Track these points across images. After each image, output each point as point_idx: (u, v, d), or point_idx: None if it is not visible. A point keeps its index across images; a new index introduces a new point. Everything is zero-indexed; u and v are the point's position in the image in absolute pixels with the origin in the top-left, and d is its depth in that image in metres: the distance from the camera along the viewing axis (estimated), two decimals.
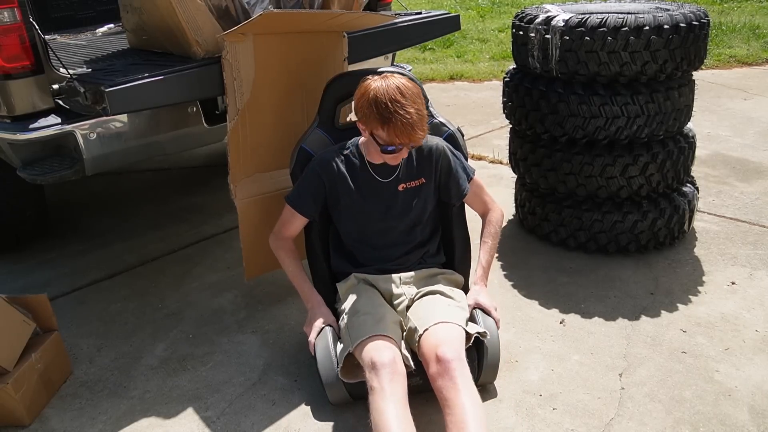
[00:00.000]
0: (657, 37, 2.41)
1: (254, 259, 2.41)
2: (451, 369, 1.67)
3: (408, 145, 1.85)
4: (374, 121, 1.82)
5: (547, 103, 2.62)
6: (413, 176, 2.02)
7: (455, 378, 1.66)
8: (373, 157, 2.00)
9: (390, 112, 1.77)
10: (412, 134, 1.80)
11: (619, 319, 2.36)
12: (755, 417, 1.88)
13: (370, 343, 1.77)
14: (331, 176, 2.00)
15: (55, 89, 2.22)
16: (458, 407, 1.61)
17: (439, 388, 1.67)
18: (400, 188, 2.01)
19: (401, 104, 1.77)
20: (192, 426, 1.97)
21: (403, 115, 1.76)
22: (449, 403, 1.63)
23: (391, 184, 2.01)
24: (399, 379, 1.68)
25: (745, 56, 6.11)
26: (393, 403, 1.63)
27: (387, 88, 1.79)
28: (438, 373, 1.68)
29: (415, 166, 2.03)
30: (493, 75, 6.09)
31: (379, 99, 1.78)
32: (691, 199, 2.79)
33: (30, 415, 2.02)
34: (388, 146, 1.85)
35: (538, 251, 2.87)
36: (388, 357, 1.71)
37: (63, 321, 2.46)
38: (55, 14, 3.75)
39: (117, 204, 3.75)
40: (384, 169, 2.00)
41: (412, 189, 2.02)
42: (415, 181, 2.02)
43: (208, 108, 2.65)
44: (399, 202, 2.02)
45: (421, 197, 2.04)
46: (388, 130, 1.80)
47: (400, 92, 1.78)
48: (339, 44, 2.37)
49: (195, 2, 2.14)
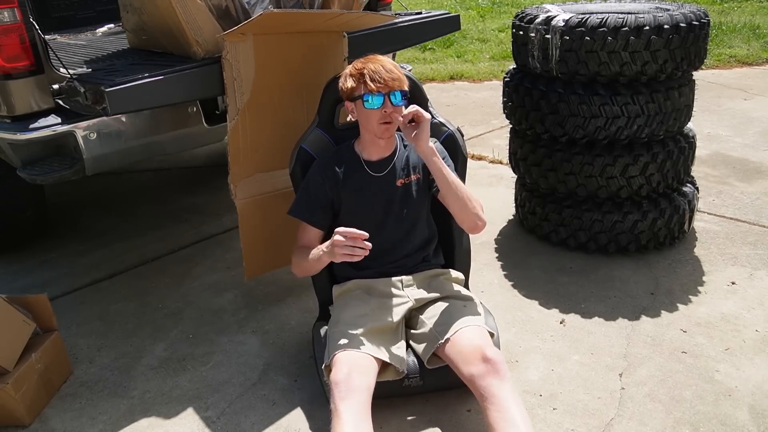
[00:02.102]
0: (657, 37, 2.41)
1: (254, 259, 2.41)
2: (502, 370, 1.72)
3: (387, 92, 1.87)
4: (351, 83, 1.91)
5: (548, 103, 2.62)
6: (408, 172, 2.04)
7: (505, 378, 1.71)
8: (368, 152, 2.01)
9: (361, 63, 1.92)
10: (387, 76, 1.86)
11: (619, 319, 2.36)
12: (755, 417, 1.88)
13: (335, 359, 1.79)
14: (333, 181, 2.00)
15: (55, 89, 2.22)
16: (508, 405, 1.66)
17: (487, 386, 1.70)
18: (399, 184, 2.02)
19: (370, 58, 1.92)
20: (192, 426, 1.97)
21: (374, 62, 1.90)
22: (497, 400, 1.67)
23: (389, 179, 2.01)
24: (354, 396, 1.68)
25: (745, 56, 6.11)
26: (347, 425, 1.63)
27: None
28: (486, 372, 1.72)
29: (411, 163, 2.04)
30: (493, 75, 6.09)
31: (350, 66, 1.95)
32: (691, 199, 2.79)
33: (30, 415, 2.02)
34: (370, 96, 1.86)
35: (538, 251, 2.87)
36: (342, 374, 1.72)
37: (63, 321, 2.46)
38: (55, 14, 3.76)
39: (117, 204, 3.76)
40: (379, 164, 2.01)
41: (409, 185, 2.03)
42: (411, 176, 2.04)
43: (208, 108, 2.65)
44: (397, 198, 2.02)
45: (418, 193, 2.04)
46: (365, 80, 1.87)
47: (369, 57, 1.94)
48: (339, 44, 2.37)
49: (195, 2, 2.14)
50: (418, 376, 1.90)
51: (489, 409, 1.67)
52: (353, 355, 1.79)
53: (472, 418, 1.93)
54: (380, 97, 1.87)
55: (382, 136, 1.96)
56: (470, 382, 1.75)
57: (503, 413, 1.64)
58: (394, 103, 1.89)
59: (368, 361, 1.79)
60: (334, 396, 1.68)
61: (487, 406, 1.68)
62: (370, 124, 1.94)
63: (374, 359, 1.81)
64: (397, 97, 1.89)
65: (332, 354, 1.82)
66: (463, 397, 1.98)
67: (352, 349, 1.81)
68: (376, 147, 2.01)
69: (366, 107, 1.89)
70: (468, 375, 1.75)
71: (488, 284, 2.64)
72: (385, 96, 1.87)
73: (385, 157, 2.02)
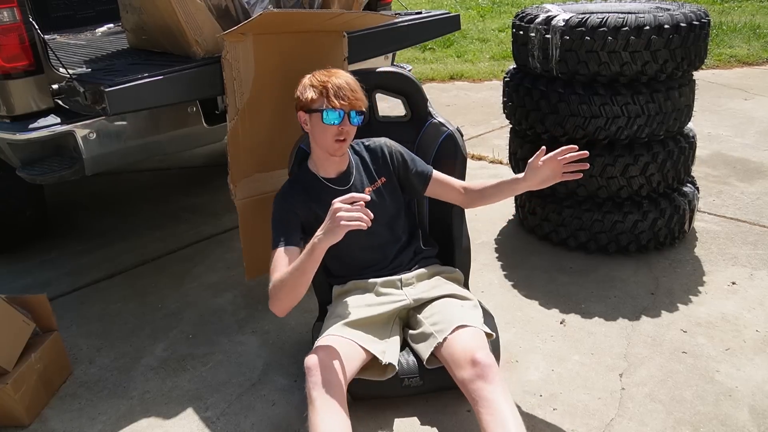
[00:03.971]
0: (657, 36, 2.41)
1: (254, 259, 2.41)
2: (492, 373, 1.71)
3: (348, 110, 1.83)
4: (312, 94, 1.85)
5: (548, 102, 2.62)
6: (373, 178, 2.01)
7: (495, 381, 1.70)
8: (325, 169, 1.97)
9: (325, 76, 1.86)
10: (351, 94, 1.83)
11: (620, 319, 2.35)
12: (755, 417, 1.88)
13: (315, 344, 1.79)
14: (302, 200, 1.94)
15: (55, 89, 2.22)
16: (499, 409, 1.65)
17: (477, 389, 1.69)
18: (367, 192, 1.98)
19: (334, 72, 1.87)
20: (192, 426, 1.97)
21: (338, 76, 1.85)
22: (488, 404, 1.66)
23: (356, 190, 1.97)
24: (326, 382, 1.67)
25: (745, 56, 6.11)
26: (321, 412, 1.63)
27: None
28: (477, 375, 1.71)
29: (372, 169, 2.02)
30: (493, 75, 6.09)
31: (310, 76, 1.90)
32: (691, 199, 2.78)
33: (30, 416, 2.01)
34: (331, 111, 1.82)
35: (538, 251, 2.87)
36: (314, 359, 1.71)
37: (63, 321, 2.46)
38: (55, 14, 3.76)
39: (117, 204, 3.75)
40: (339, 179, 1.97)
41: (378, 190, 2.01)
42: (377, 181, 2.01)
43: (208, 108, 2.65)
44: (371, 205, 1.98)
45: (388, 194, 2.03)
46: (328, 94, 1.83)
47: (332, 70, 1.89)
48: (339, 44, 2.37)
49: (195, 2, 2.14)
50: (417, 376, 1.90)
51: (481, 413, 1.66)
52: (330, 340, 1.79)
53: (472, 419, 1.92)
54: (341, 113, 1.83)
55: (335, 153, 1.90)
56: (462, 386, 1.75)
57: (495, 416, 1.63)
58: (352, 123, 1.86)
59: (347, 347, 1.79)
60: (307, 382, 1.68)
61: (479, 410, 1.67)
62: (324, 139, 1.88)
63: (359, 347, 1.80)
64: (357, 116, 1.86)
65: (315, 343, 1.82)
66: (462, 397, 1.96)
67: (331, 335, 1.81)
68: (331, 163, 1.96)
69: (324, 122, 1.84)
70: (460, 379, 1.75)
71: (488, 284, 2.64)
72: (346, 114, 1.84)
73: (343, 171, 1.98)
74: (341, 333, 1.82)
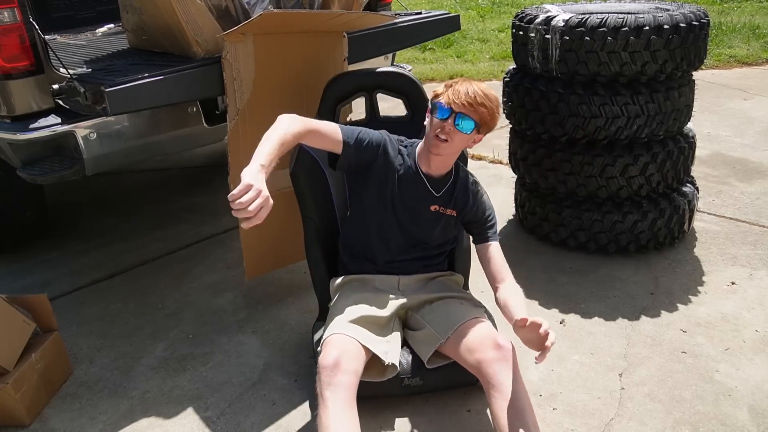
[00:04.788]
0: (657, 37, 2.42)
1: (254, 259, 2.41)
2: (512, 357, 1.72)
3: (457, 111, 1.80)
4: (440, 88, 1.86)
5: (547, 103, 2.62)
6: (447, 203, 1.99)
7: (513, 367, 1.72)
8: (422, 164, 1.96)
9: (462, 80, 1.86)
10: (467, 99, 1.79)
11: (619, 319, 2.36)
12: (755, 417, 1.88)
13: (325, 342, 1.79)
14: (389, 161, 1.94)
15: (55, 89, 2.22)
16: (515, 394, 1.67)
17: (496, 372, 1.70)
18: (432, 209, 1.97)
19: (474, 82, 1.85)
20: (192, 426, 1.97)
21: (472, 84, 1.83)
22: (504, 388, 1.67)
23: (427, 199, 1.97)
24: (339, 382, 1.66)
25: (745, 56, 6.11)
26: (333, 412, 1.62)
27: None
28: (496, 358, 1.72)
29: (454, 197, 1.99)
30: (493, 75, 6.08)
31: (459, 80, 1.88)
32: (691, 199, 2.79)
33: (30, 415, 2.02)
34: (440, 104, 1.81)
35: (538, 251, 2.87)
36: (331, 358, 1.70)
37: (63, 321, 2.45)
38: (55, 14, 3.75)
39: (117, 204, 3.75)
40: (428, 180, 1.97)
41: (440, 214, 1.99)
42: (448, 209, 1.99)
43: (208, 108, 2.65)
44: (425, 219, 1.98)
45: (445, 225, 2.01)
46: (447, 90, 1.83)
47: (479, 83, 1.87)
48: (339, 44, 2.37)
49: (195, 2, 2.14)
50: (417, 376, 1.90)
51: (494, 397, 1.67)
52: (343, 339, 1.78)
53: (472, 418, 1.93)
54: (448, 110, 1.82)
55: (431, 148, 1.89)
56: (477, 369, 1.75)
57: (509, 402, 1.64)
58: (457, 126, 1.82)
59: (355, 348, 1.79)
60: (321, 380, 1.67)
61: (492, 393, 1.68)
62: (430, 130, 1.88)
63: (362, 347, 1.80)
64: (464, 122, 1.82)
65: (323, 337, 1.82)
66: (463, 397, 1.98)
67: (342, 333, 1.80)
68: (427, 160, 1.94)
69: (432, 114, 1.86)
70: (475, 362, 1.75)
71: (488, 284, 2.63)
72: (453, 113, 1.81)
73: (436, 177, 1.96)
74: (346, 331, 1.81)
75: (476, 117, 1.82)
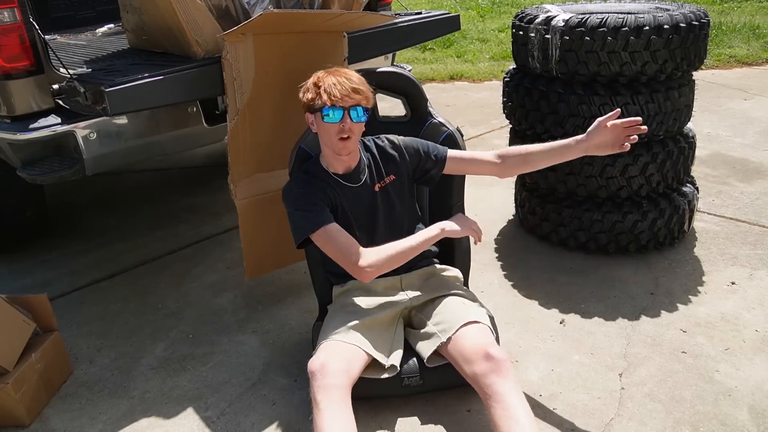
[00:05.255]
0: (657, 37, 2.41)
1: (255, 259, 2.41)
2: (506, 368, 1.72)
3: (347, 107, 1.81)
4: (309, 94, 1.85)
5: (547, 103, 2.62)
6: (382, 175, 2.01)
7: (509, 377, 1.71)
8: (334, 166, 1.95)
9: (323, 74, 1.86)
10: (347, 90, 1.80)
11: (619, 319, 2.36)
12: (755, 417, 1.88)
13: (317, 348, 1.80)
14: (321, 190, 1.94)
15: (55, 89, 2.22)
16: (512, 402, 1.66)
17: (491, 384, 1.70)
18: (376, 188, 1.99)
19: (333, 71, 1.86)
20: (192, 426, 1.97)
21: (337, 74, 1.84)
22: (501, 397, 1.67)
23: (366, 188, 1.98)
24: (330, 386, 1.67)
25: (745, 56, 6.11)
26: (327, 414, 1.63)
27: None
28: (490, 370, 1.72)
29: (381, 166, 2.01)
30: (493, 75, 6.09)
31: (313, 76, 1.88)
32: (691, 199, 2.79)
33: (30, 415, 2.02)
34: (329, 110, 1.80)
35: (538, 251, 2.87)
36: (318, 363, 1.71)
37: (63, 321, 2.45)
38: (55, 14, 3.76)
39: (117, 204, 3.76)
40: (350, 176, 1.97)
41: (386, 187, 2.01)
42: (386, 178, 2.00)
43: (208, 108, 2.65)
44: (380, 202, 2.00)
45: (397, 193, 2.02)
46: (321, 93, 1.81)
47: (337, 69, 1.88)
48: (339, 44, 2.37)
49: (195, 2, 2.14)
50: (417, 375, 1.90)
51: (493, 407, 1.67)
52: (333, 344, 1.79)
53: (472, 418, 1.93)
54: (340, 111, 1.81)
55: (341, 152, 1.89)
56: (473, 381, 1.75)
57: (508, 411, 1.65)
58: (354, 120, 1.83)
59: (350, 351, 1.79)
60: (312, 386, 1.69)
61: (491, 404, 1.68)
62: (329, 138, 1.87)
63: (360, 350, 1.80)
64: (359, 113, 1.83)
65: (317, 346, 1.83)
66: (463, 397, 1.98)
67: (333, 339, 1.81)
68: (341, 161, 1.94)
69: (325, 121, 1.83)
70: (471, 374, 1.76)
71: (488, 284, 2.64)
72: (345, 111, 1.81)
73: (353, 168, 1.97)
74: (344, 339, 1.82)
75: (363, 101, 1.84)
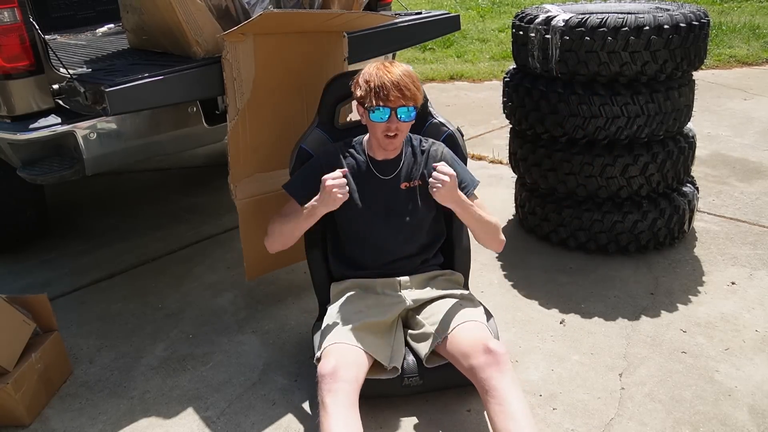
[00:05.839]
0: (657, 37, 2.42)
1: (255, 260, 2.41)
2: (504, 362, 1.72)
3: (394, 107, 1.81)
4: (359, 92, 1.86)
5: (547, 103, 2.62)
6: (413, 176, 2.00)
7: (507, 372, 1.71)
8: (375, 152, 1.98)
9: (375, 71, 1.84)
10: (396, 92, 1.80)
11: (619, 319, 2.36)
12: (755, 417, 1.88)
13: (324, 351, 1.80)
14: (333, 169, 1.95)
15: (55, 89, 2.22)
16: (509, 398, 1.66)
17: (488, 378, 1.70)
18: (403, 187, 1.99)
19: (385, 68, 1.84)
20: (192, 426, 1.97)
21: (388, 72, 1.82)
22: (498, 393, 1.67)
23: (393, 182, 1.99)
24: (340, 389, 1.68)
25: (745, 56, 6.11)
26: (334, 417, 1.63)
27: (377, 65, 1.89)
28: (487, 363, 1.71)
29: (414, 166, 2.01)
30: (493, 75, 6.09)
31: (364, 71, 1.89)
32: (691, 199, 2.79)
33: (30, 415, 2.02)
34: (377, 109, 1.81)
35: (538, 251, 2.87)
36: (329, 366, 1.71)
37: (63, 321, 2.45)
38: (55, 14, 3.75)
39: (117, 204, 3.76)
40: (386, 166, 1.99)
41: (413, 189, 2.00)
42: (415, 180, 2.00)
43: (208, 108, 2.65)
44: (400, 201, 1.99)
45: (423, 200, 2.00)
46: (371, 92, 1.82)
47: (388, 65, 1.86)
48: (339, 44, 2.37)
49: (195, 2, 2.14)
50: (417, 375, 1.91)
51: (489, 402, 1.67)
52: (342, 348, 1.79)
53: (472, 418, 1.93)
54: (387, 110, 1.82)
55: (387, 148, 1.92)
56: (471, 375, 1.75)
57: (504, 406, 1.64)
58: (401, 120, 1.84)
59: (357, 355, 1.79)
60: (321, 389, 1.68)
61: (487, 399, 1.68)
62: (376, 134, 1.90)
63: (364, 353, 1.81)
64: (405, 113, 1.83)
65: (323, 347, 1.82)
66: (463, 397, 1.98)
67: (341, 342, 1.81)
68: (382, 151, 1.97)
69: (372, 119, 1.85)
70: (469, 367, 1.75)
71: (488, 284, 2.64)
72: (393, 110, 1.82)
73: (391, 159, 1.99)
74: (348, 340, 1.82)
75: (411, 102, 1.84)
